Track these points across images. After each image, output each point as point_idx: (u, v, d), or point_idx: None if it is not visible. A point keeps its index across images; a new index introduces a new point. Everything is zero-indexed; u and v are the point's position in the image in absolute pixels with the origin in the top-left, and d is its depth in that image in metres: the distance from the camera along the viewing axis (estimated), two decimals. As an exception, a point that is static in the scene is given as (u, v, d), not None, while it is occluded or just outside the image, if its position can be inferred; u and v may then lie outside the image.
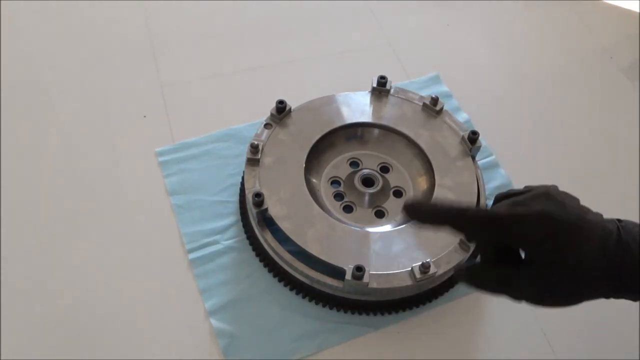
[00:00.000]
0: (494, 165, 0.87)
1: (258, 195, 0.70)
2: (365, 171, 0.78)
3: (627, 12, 1.10)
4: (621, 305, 0.76)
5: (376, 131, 0.81)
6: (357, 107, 0.81)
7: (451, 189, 0.75)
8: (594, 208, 0.85)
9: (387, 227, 0.74)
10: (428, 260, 0.68)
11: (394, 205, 0.77)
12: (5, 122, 0.85)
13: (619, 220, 0.52)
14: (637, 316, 0.74)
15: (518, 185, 0.84)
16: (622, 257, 0.49)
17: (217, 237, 0.77)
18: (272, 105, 0.79)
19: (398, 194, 0.78)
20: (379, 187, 0.77)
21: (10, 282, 0.72)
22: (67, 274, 0.73)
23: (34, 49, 0.94)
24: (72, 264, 0.74)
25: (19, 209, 0.77)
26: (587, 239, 0.50)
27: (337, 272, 0.68)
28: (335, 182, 0.79)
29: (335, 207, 0.76)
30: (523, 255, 0.53)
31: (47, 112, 0.87)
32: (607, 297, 0.52)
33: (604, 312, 0.75)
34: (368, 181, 0.78)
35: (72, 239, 0.76)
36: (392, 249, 0.70)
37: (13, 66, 0.91)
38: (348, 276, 0.66)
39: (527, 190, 0.55)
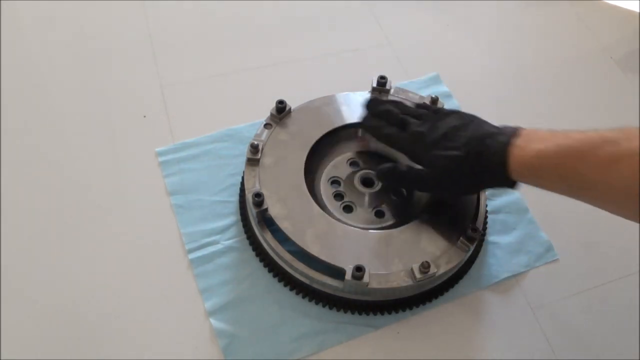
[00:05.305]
0: (494, 165, 0.86)
1: (258, 195, 0.70)
2: (365, 171, 0.78)
3: (627, 12, 1.10)
4: (621, 307, 0.76)
5: (376, 131, 0.81)
6: (357, 107, 0.81)
7: (451, 189, 0.75)
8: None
9: (387, 227, 0.74)
10: (428, 260, 0.68)
11: (394, 205, 0.77)
12: (5, 121, 0.85)
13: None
14: (637, 316, 0.74)
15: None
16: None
17: (217, 237, 0.77)
18: (272, 105, 0.79)
19: (398, 194, 0.78)
20: (378, 187, 0.77)
21: (10, 282, 0.72)
22: (67, 273, 0.73)
23: (34, 49, 0.94)
24: (72, 264, 0.74)
25: (18, 209, 0.77)
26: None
27: (337, 272, 0.68)
28: (335, 182, 0.79)
29: (335, 207, 0.76)
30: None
31: (47, 112, 0.87)
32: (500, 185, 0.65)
33: (604, 313, 0.75)
34: (368, 181, 0.78)
35: (72, 239, 0.76)
36: (392, 249, 0.70)
37: (13, 66, 0.91)
38: (348, 276, 0.66)
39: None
